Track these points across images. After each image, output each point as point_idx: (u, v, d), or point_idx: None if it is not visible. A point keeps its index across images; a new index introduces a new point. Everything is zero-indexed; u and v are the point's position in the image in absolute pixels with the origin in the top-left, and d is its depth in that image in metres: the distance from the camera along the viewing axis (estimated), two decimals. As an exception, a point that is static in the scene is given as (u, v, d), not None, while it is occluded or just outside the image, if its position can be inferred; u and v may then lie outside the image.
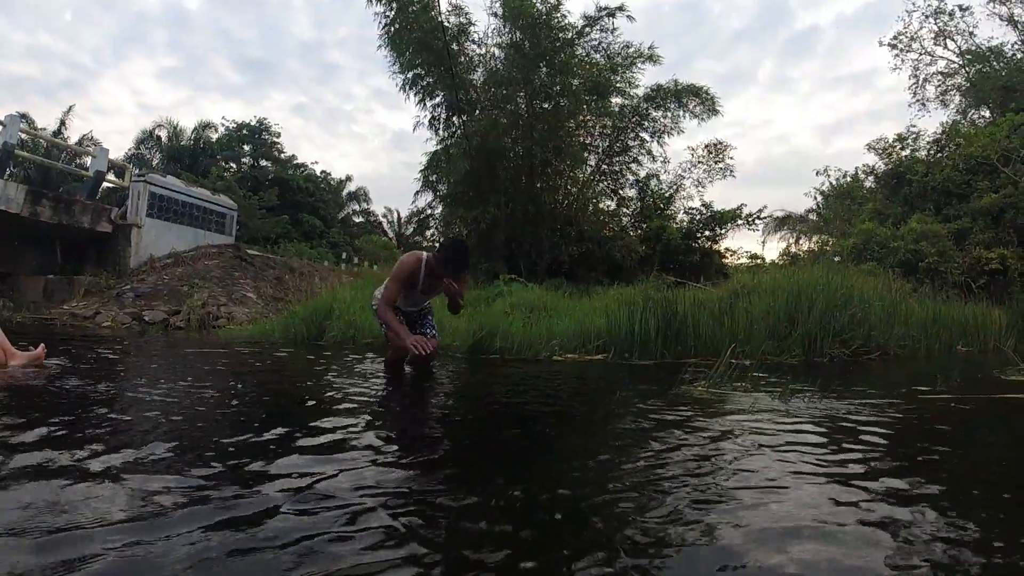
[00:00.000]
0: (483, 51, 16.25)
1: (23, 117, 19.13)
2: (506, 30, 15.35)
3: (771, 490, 1.51)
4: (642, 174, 18.23)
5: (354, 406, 2.76)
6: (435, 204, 18.59)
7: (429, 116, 16.56)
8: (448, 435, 2.41)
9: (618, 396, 3.27)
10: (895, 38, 23.34)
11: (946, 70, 23.19)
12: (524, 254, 15.75)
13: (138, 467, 1.61)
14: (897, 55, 23.54)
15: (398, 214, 37.00)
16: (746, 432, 2.19)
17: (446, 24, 14.71)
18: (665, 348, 5.17)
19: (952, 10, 22.11)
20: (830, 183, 25.57)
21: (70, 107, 27.30)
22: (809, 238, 26.82)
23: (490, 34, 15.95)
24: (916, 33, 22.99)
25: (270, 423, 2.38)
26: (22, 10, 57.53)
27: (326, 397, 3.11)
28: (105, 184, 16.38)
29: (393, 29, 15.16)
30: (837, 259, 12.53)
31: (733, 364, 3.65)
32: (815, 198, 27.04)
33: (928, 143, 18.79)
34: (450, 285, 3.58)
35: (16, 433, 1.94)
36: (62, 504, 1.30)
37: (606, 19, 15.49)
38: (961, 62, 22.68)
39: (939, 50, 23.11)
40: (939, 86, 23.31)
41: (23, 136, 16.33)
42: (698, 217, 18.34)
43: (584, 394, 3.59)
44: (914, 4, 23.28)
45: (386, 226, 37.90)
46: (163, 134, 29.85)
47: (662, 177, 18.61)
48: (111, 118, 57.31)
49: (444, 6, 15.16)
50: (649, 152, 17.53)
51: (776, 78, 75.33)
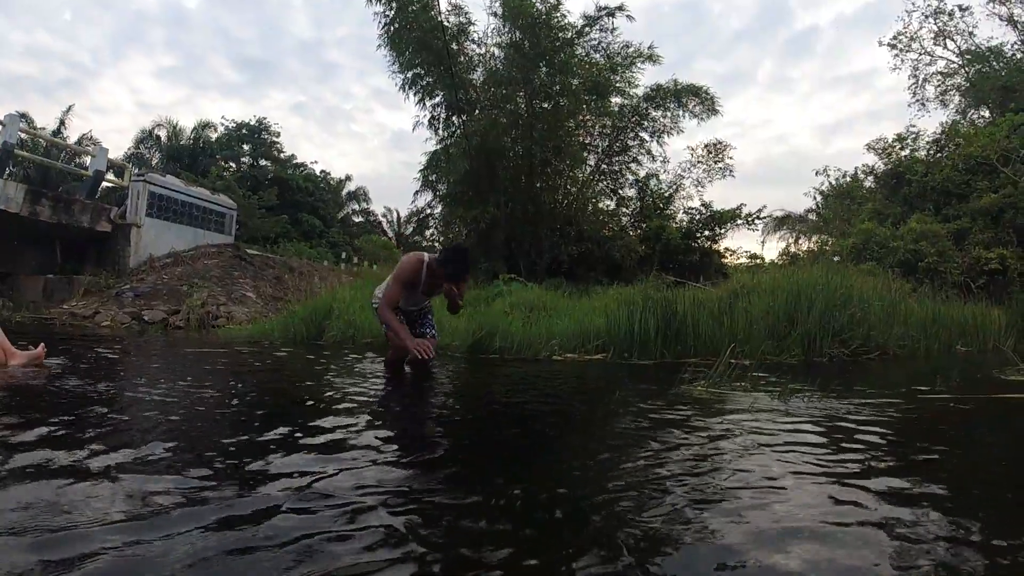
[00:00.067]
0: (483, 51, 16.29)
1: (22, 116, 19.10)
2: (506, 30, 15.37)
3: (771, 490, 1.51)
4: (642, 174, 18.28)
5: (354, 406, 2.76)
6: (435, 204, 18.63)
7: (429, 116, 16.60)
8: (448, 434, 2.41)
9: (618, 396, 3.27)
10: (895, 38, 23.38)
11: (946, 70, 23.22)
12: (524, 254, 15.75)
13: (138, 466, 1.61)
14: (897, 55, 23.59)
15: (398, 214, 37.04)
16: (745, 432, 2.19)
17: (446, 24, 14.72)
18: (665, 348, 5.17)
19: (952, 10, 22.15)
20: (830, 183, 25.62)
21: (69, 106, 27.16)
22: (809, 238, 26.84)
23: (490, 34, 15.99)
24: (916, 33, 23.03)
25: (270, 423, 2.38)
26: (21, 9, 57.60)
27: (326, 397, 3.12)
28: (104, 184, 16.38)
29: (393, 28, 15.17)
30: (836, 259, 12.52)
31: (733, 364, 3.65)
32: (814, 198, 27.10)
33: (928, 143, 18.83)
34: (451, 289, 3.64)
35: (16, 432, 1.94)
36: (62, 503, 1.30)
37: (606, 19, 15.52)
38: (961, 62, 22.70)
39: (939, 50, 23.15)
40: (939, 86, 23.35)
41: (22, 135, 16.32)
42: (697, 217, 18.37)
43: (584, 394, 3.59)
44: (914, 4, 23.31)
45: (386, 226, 37.90)
46: (162, 133, 29.84)
47: (662, 177, 18.67)
48: (110, 117, 57.38)
49: (444, 6, 15.20)
50: (649, 152, 17.59)
51: (776, 78, 75.42)
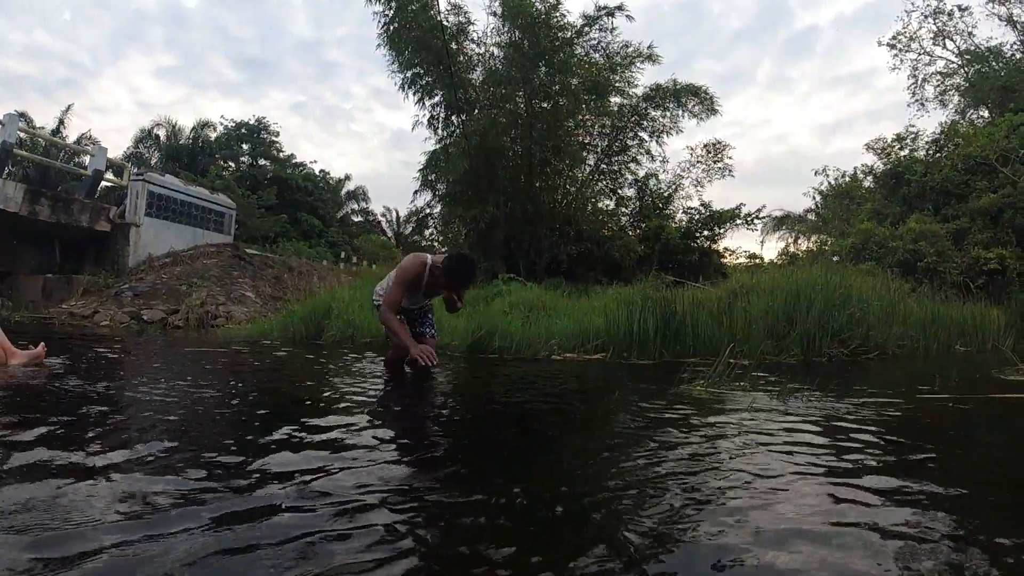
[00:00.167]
0: (482, 50, 16.25)
1: (22, 116, 19.07)
2: (505, 29, 15.34)
3: (770, 489, 1.51)
4: (641, 174, 18.23)
5: (353, 405, 2.76)
6: (434, 203, 18.57)
7: (428, 115, 16.55)
8: (447, 434, 2.41)
9: (617, 395, 3.27)
10: (894, 38, 23.38)
11: (945, 70, 23.23)
12: (523, 253, 15.75)
13: (137, 466, 1.61)
14: (896, 55, 23.59)
15: (397, 213, 36.98)
16: (745, 431, 2.20)
17: (445, 23, 14.70)
18: (664, 348, 5.18)
19: (951, 10, 22.15)
20: (829, 183, 25.58)
21: (68, 106, 27.04)
22: (808, 238, 26.79)
23: (489, 33, 15.95)
24: (915, 33, 23.03)
25: (269, 422, 2.38)
26: (20, 9, 57.39)
27: (325, 396, 3.12)
28: (104, 183, 16.36)
29: (392, 28, 15.14)
30: (836, 259, 12.51)
31: (732, 364, 3.66)
32: (814, 198, 27.03)
33: (927, 143, 18.80)
34: (451, 294, 3.71)
35: (17, 432, 1.94)
36: (61, 502, 1.30)
37: (605, 18, 15.48)
38: (960, 62, 22.71)
39: (938, 50, 23.16)
40: (938, 86, 23.36)
41: (22, 135, 16.29)
42: (697, 217, 18.33)
43: (583, 393, 3.59)
44: (913, 4, 23.34)
45: (385, 225, 37.86)
46: (161, 133, 29.76)
47: (661, 177, 18.61)
48: (109, 117, 57.16)
49: (443, 5, 15.16)
50: (648, 152, 17.53)
51: (775, 78, 75.20)
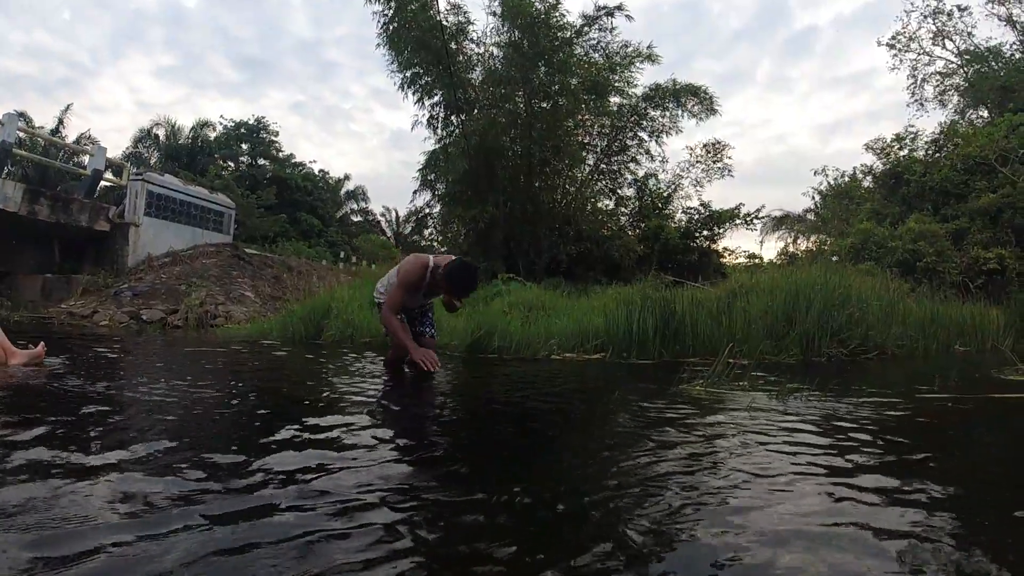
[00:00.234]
0: (482, 50, 16.25)
1: (21, 115, 19.05)
2: (505, 29, 15.34)
3: (769, 489, 1.52)
4: (640, 173, 18.24)
5: (353, 405, 2.76)
6: (433, 203, 18.57)
7: (427, 115, 16.55)
8: (447, 433, 2.42)
9: (617, 395, 3.27)
10: (893, 38, 23.38)
11: (944, 70, 23.24)
12: (522, 253, 15.75)
13: (137, 465, 1.61)
14: (895, 55, 23.59)
15: (396, 213, 36.98)
16: (744, 431, 2.20)
17: (444, 23, 14.70)
18: (663, 347, 5.18)
19: (951, 10, 22.16)
20: (828, 183, 25.59)
21: (68, 105, 27.01)
22: (807, 238, 26.80)
23: (488, 33, 15.96)
24: (914, 33, 23.04)
25: (269, 422, 2.38)
26: (20, 9, 57.31)
27: (325, 396, 3.12)
28: (103, 183, 16.35)
29: (391, 28, 15.14)
30: (835, 259, 12.51)
31: (731, 363, 3.66)
32: (813, 198, 27.03)
33: (926, 143, 18.81)
34: (451, 299, 3.72)
35: (16, 431, 1.94)
36: (61, 502, 1.30)
37: (605, 18, 15.49)
38: (959, 62, 22.72)
39: (937, 50, 23.17)
40: (937, 86, 23.37)
41: (21, 134, 16.29)
42: (696, 216, 18.34)
43: (583, 393, 3.59)
44: (912, 4, 23.36)
45: (384, 225, 37.86)
46: (161, 132, 29.73)
47: (660, 176, 18.62)
48: (109, 116, 57.10)
49: (443, 5, 15.16)
50: (647, 151, 17.54)
51: (775, 78, 75.25)
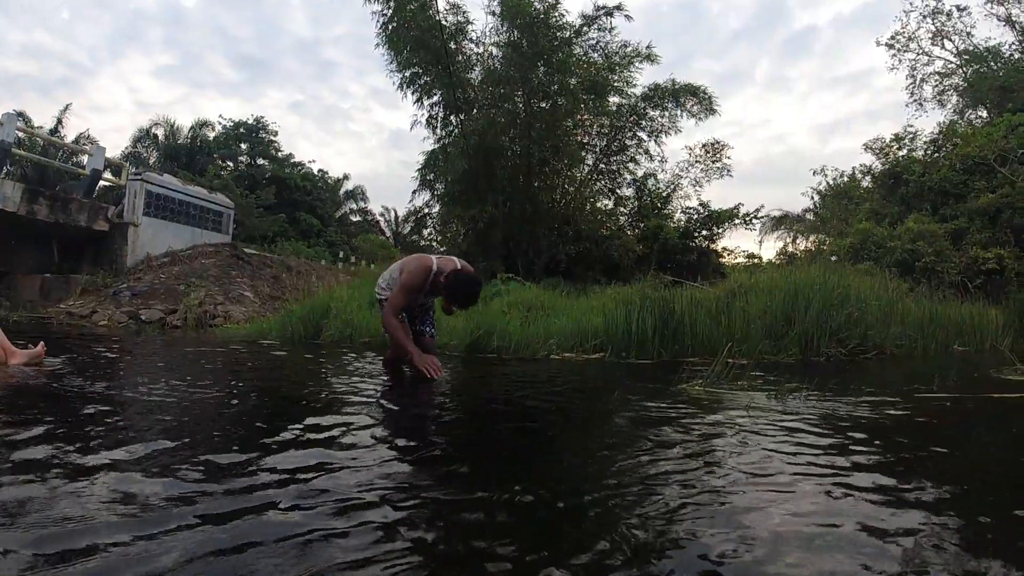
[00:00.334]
0: (481, 50, 16.23)
1: (20, 115, 19.03)
2: (504, 29, 15.32)
3: (767, 489, 1.52)
4: (639, 173, 18.21)
5: (353, 405, 2.76)
6: (432, 203, 18.53)
7: (427, 115, 16.52)
8: (447, 433, 2.42)
9: (616, 395, 3.27)
10: (892, 38, 23.44)
11: (943, 70, 23.28)
12: (522, 253, 15.74)
13: (136, 465, 1.61)
14: (894, 55, 23.65)
15: (395, 213, 36.94)
16: (742, 431, 2.20)
17: (444, 23, 14.68)
18: (662, 347, 5.18)
19: (950, 10, 22.20)
20: (827, 183, 25.61)
21: (67, 105, 26.93)
22: (806, 238, 26.83)
23: (488, 33, 15.93)
24: (913, 33, 23.09)
25: (269, 421, 2.39)
26: (19, 9, 57.19)
27: (324, 396, 3.12)
28: (102, 182, 16.33)
29: (390, 27, 15.11)
30: (834, 259, 12.52)
31: (730, 363, 3.67)
32: (812, 198, 27.06)
33: (925, 143, 18.84)
34: (450, 306, 3.76)
35: (16, 431, 1.94)
36: (60, 501, 1.30)
37: (604, 18, 15.46)
38: (958, 62, 22.75)
39: (936, 50, 23.21)
40: (936, 86, 23.41)
41: (20, 134, 16.28)
42: (695, 216, 18.32)
43: (582, 393, 3.59)
44: (912, 4, 23.44)
45: (383, 225, 37.85)
46: (160, 132, 29.69)
47: (659, 176, 18.59)
48: (108, 116, 56.95)
49: (442, 4, 15.13)
50: (647, 151, 17.51)
51: (774, 78, 75.09)
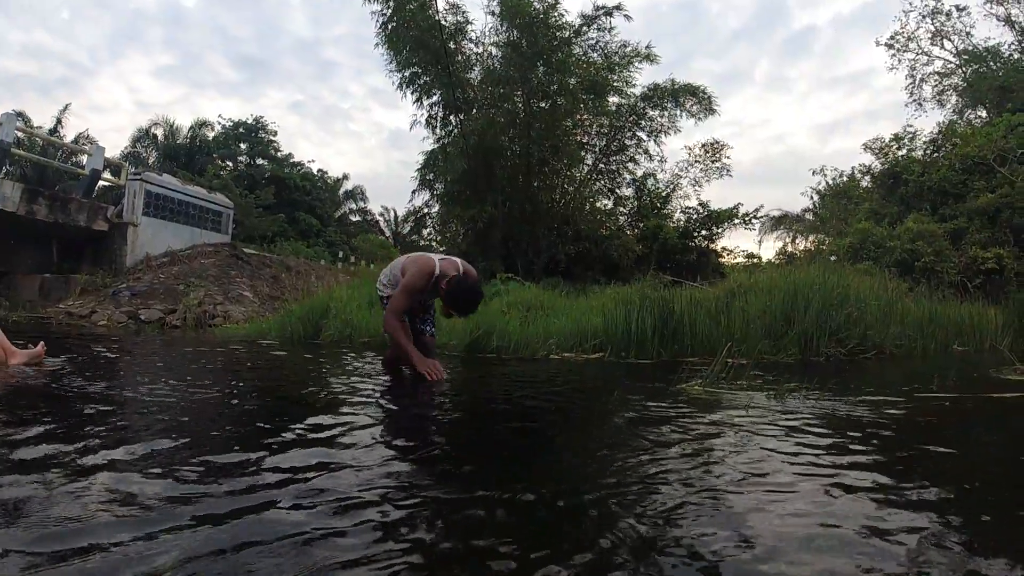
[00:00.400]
0: (480, 50, 16.24)
1: (19, 115, 19.02)
2: (503, 29, 15.32)
3: (766, 489, 1.52)
4: (639, 173, 18.22)
5: (353, 404, 2.76)
6: (432, 203, 18.54)
7: (426, 115, 16.53)
8: (447, 432, 2.42)
9: (616, 395, 3.28)
10: (892, 38, 23.50)
11: (943, 70, 23.33)
12: (521, 253, 15.74)
13: (136, 464, 1.61)
14: (894, 55, 23.70)
15: (395, 213, 36.94)
16: (742, 431, 2.20)
17: (443, 22, 14.68)
18: (662, 347, 5.18)
19: (949, 10, 22.25)
20: (827, 183, 25.66)
21: (66, 105, 26.90)
22: (805, 237, 26.89)
23: (487, 33, 15.94)
24: (913, 33, 23.14)
25: (268, 421, 2.39)
26: (19, 9, 57.15)
27: (324, 395, 3.12)
28: (101, 182, 16.35)
29: (390, 27, 15.12)
30: (833, 258, 12.54)
31: (729, 363, 3.67)
32: (811, 198, 27.12)
33: (924, 143, 18.87)
34: (448, 310, 3.74)
35: (16, 431, 1.94)
36: (60, 500, 1.30)
37: (603, 18, 15.46)
38: (958, 62, 22.79)
39: (936, 50, 23.26)
40: (936, 86, 23.47)
41: (19, 134, 16.28)
42: (695, 216, 18.32)
43: (582, 393, 3.60)
44: (911, 4, 23.54)
45: (383, 225, 37.84)
46: (159, 132, 29.67)
47: (659, 176, 18.59)
48: (107, 116, 56.92)
49: (441, 4, 15.13)
50: (646, 151, 17.51)
51: (773, 78, 75.12)
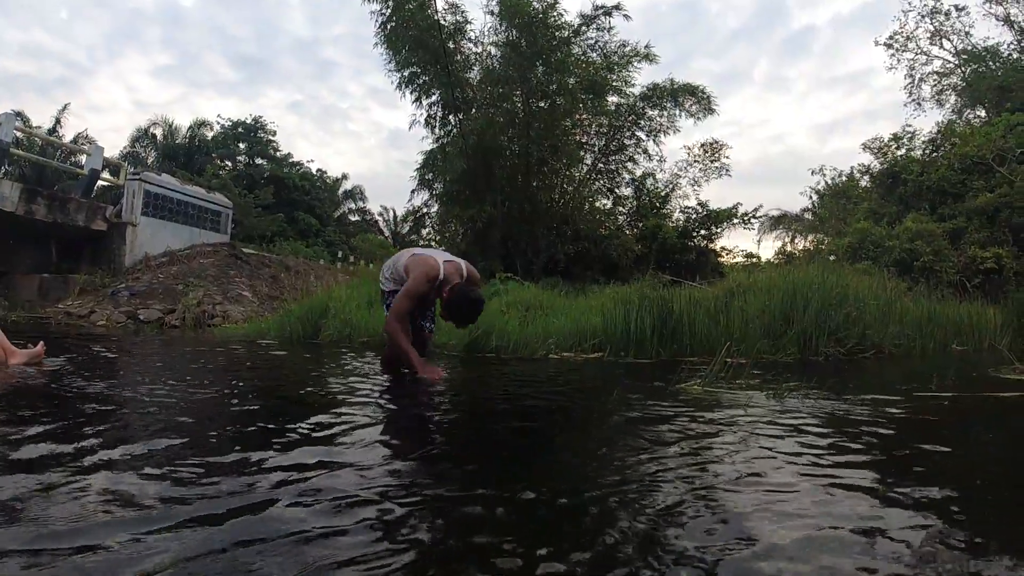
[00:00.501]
0: (479, 49, 16.25)
1: (18, 115, 19.01)
2: (502, 28, 15.32)
3: (765, 488, 1.52)
4: (638, 173, 18.22)
5: (352, 404, 2.76)
6: (431, 203, 18.55)
7: (425, 114, 16.53)
8: (447, 432, 2.42)
9: (615, 394, 3.27)
10: (891, 38, 23.51)
11: (942, 70, 23.34)
12: (520, 253, 15.74)
13: (136, 464, 1.61)
14: (893, 55, 23.71)
15: (394, 212, 36.90)
16: (741, 430, 2.20)
17: (442, 22, 14.69)
18: (661, 347, 5.18)
19: (948, 10, 22.26)
20: (826, 182, 25.64)
21: (65, 105, 26.93)
22: (805, 237, 26.88)
23: (486, 32, 15.95)
24: (912, 33, 23.15)
25: (268, 421, 2.38)
26: (17, 8, 57.06)
27: (323, 395, 3.12)
28: (100, 182, 16.34)
29: (389, 27, 15.12)
30: (832, 258, 12.56)
31: (728, 362, 3.67)
32: (811, 197, 27.10)
33: (923, 143, 18.88)
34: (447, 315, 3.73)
35: (16, 430, 1.93)
36: (59, 500, 1.30)
37: (603, 18, 15.46)
38: (957, 62, 22.80)
39: (935, 50, 23.28)
40: (935, 86, 23.48)
41: (18, 134, 16.29)
42: (694, 216, 18.31)
43: (581, 392, 3.60)
44: (910, 4, 23.48)
45: (382, 224, 37.81)
46: (158, 132, 29.67)
47: (658, 176, 18.59)
48: (106, 116, 56.85)
49: (440, 4, 15.13)
50: (645, 151, 17.51)
51: (772, 77, 75.11)
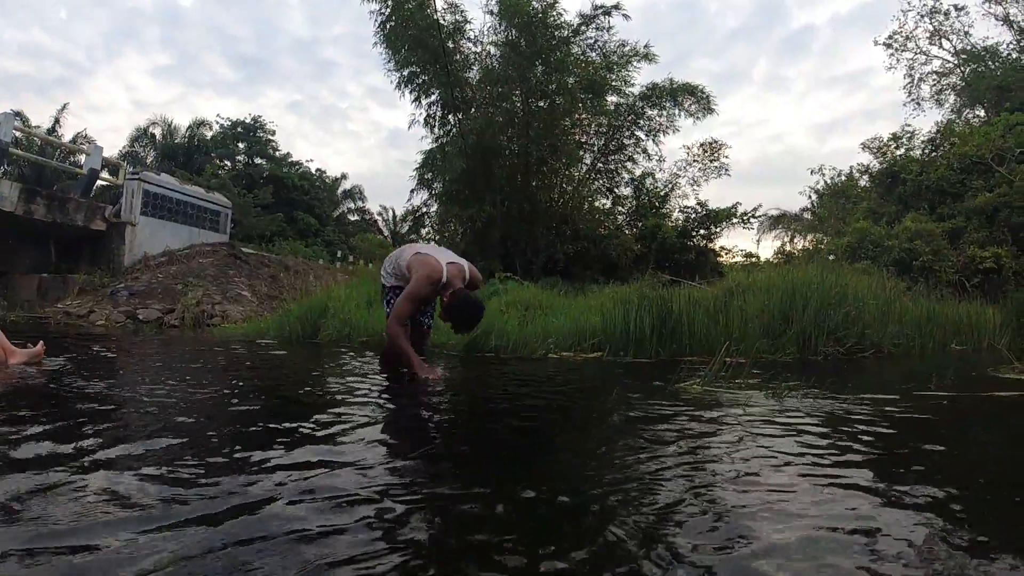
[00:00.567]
0: (479, 49, 16.27)
1: (17, 115, 19.00)
2: (502, 28, 15.34)
3: (764, 488, 1.52)
4: (637, 172, 18.24)
5: (351, 403, 2.75)
6: (430, 202, 18.58)
7: (424, 114, 16.55)
8: (446, 431, 2.42)
9: (615, 394, 3.27)
10: (890, 37, 23.50)
11: (941, 69, 23.34)
12: (520, 252, 15.75)
13: (136, 463, 1.61)
14: (892, 54, 23.71)
15: (393, 212, 36.93)
16: (740, 429, 2.20)
17: (441, 22, 14.70)
18: (660, 346, 5.19)
19: (947, 10, 22.26)
20: (825, 182, 25.62)
21: (64, 105, 27.02)
22: (804, 237, 26.86)
23: (486, 32, 15.97)
24: (911, 33, 23.15)
25: (267, 420, 2.38)
26: (16, 7, 57.06)
27: (322, 394, 3.12)
28: (99, 182, 16.33)
29: (388, 26, 15.13)
30: (832, 258, 12.55)
31: (728, 362, 3.67)
32: (810, 197, 27.09)
33: (923, 142, 18.85)
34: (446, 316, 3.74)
35: (15, 430, 1.93)
36: (58, 499, 1.30)
37: (602, 17, 15.49)
38: (956, 62, 22.81)
39: (934, 49, 23.28)
40: (934, 85, 23.48)
41: (17, 134, 16.28)
42: (693, 216, 18.33)
43: (580, 392, 3.60)
44: (909, 3, 23.46)
45: (381, 224, 37.84)
46: (157, 132, 29.72)
47: (657, 176, 18.61)
48: (105, 116, 56.93)
49: (439, 4, 15.13)
50: (644, 151, 17.53)
51: (771, 77, 75.42)
